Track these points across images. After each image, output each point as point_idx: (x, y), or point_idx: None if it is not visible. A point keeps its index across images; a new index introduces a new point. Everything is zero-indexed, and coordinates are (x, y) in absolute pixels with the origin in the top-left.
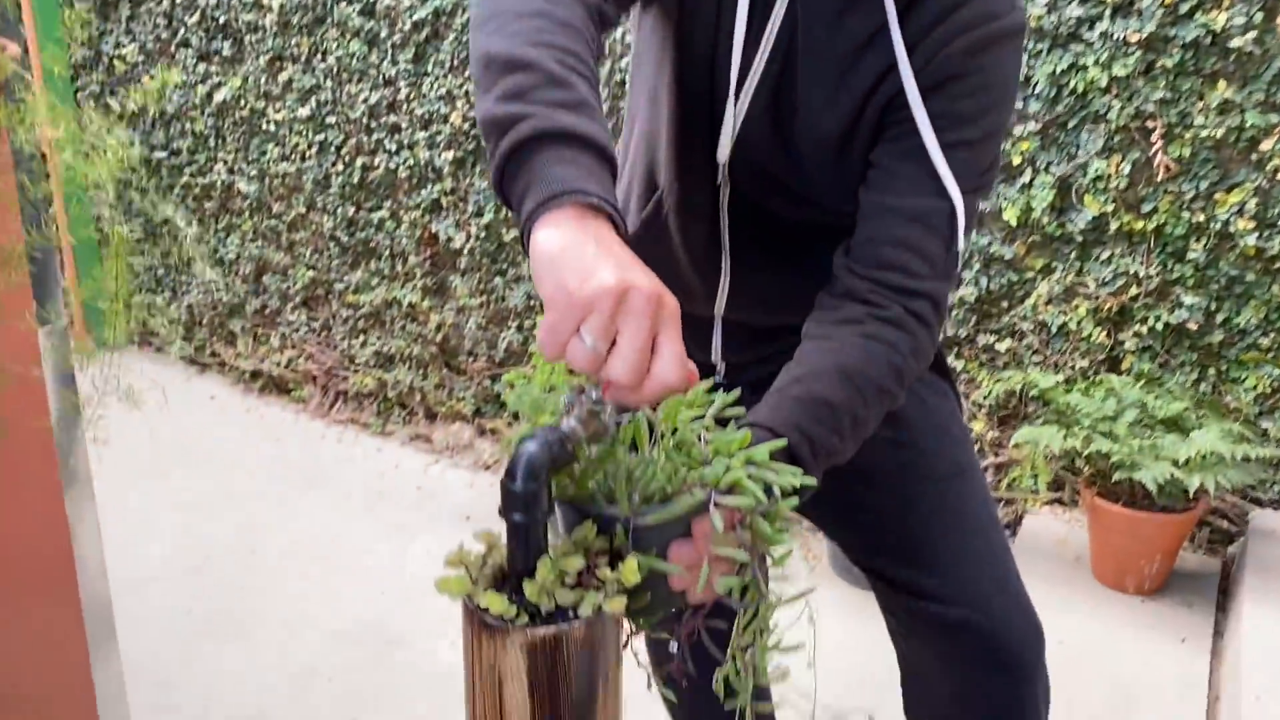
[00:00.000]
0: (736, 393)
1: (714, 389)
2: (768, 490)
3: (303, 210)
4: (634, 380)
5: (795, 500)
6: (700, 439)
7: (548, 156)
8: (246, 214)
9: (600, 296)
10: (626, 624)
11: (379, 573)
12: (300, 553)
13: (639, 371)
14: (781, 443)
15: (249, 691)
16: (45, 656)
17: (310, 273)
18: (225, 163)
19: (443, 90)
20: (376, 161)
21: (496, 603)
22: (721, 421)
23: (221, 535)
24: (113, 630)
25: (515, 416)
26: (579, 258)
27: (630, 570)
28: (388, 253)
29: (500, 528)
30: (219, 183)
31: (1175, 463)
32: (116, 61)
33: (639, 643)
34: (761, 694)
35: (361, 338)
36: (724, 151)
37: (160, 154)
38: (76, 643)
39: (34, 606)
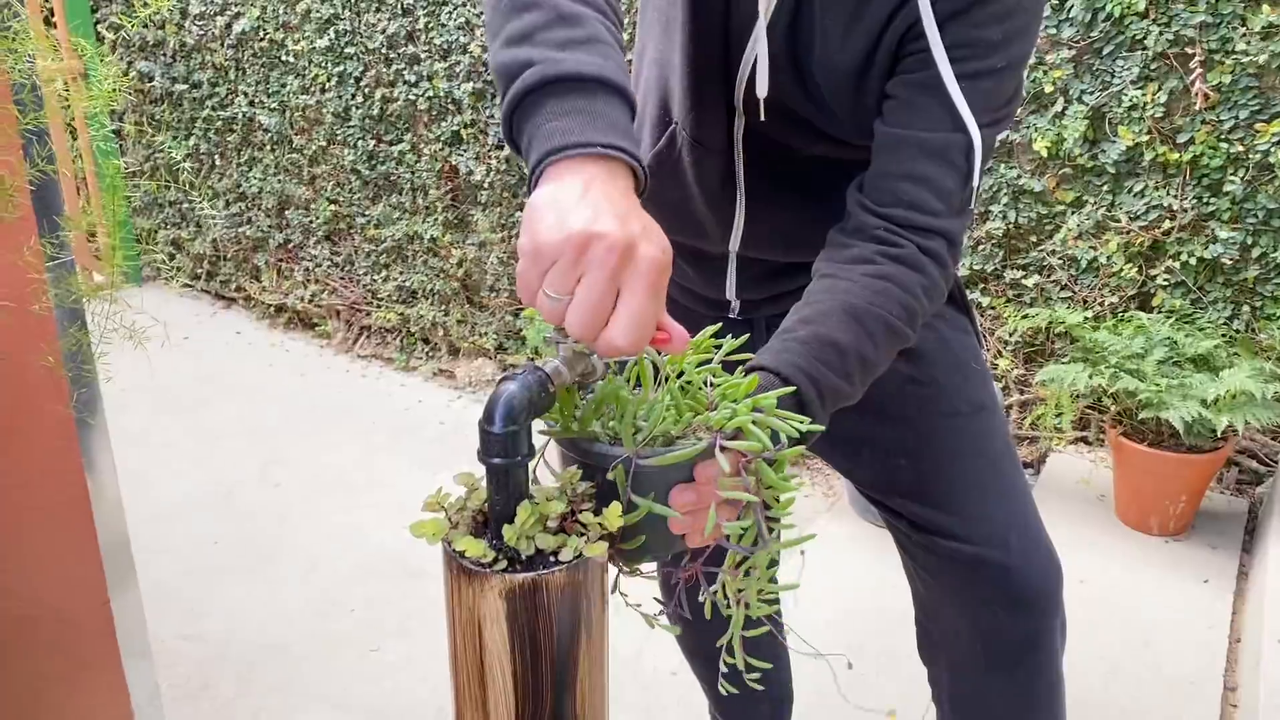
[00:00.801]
0: (745, 338)
1: (722, 334)
2: (774, 437)
3: (323, 143)
4: (587, 335)
5: (800, 448)
6: (707, 384)
7: (551, 108)
8: (268, 147)
9: (562, 245)
10: (613, 566)
11: (402, 507)
12: (324, 486)
13: (593, 327)
14: (789, 389)
15: (273, 621)
16: (64, 587)
17: (332, 207)
18: (246, 95)
19: (461, 20)
20: (396, 93)
21: (473, 547)
22: (729, 365)
23: (247, 468)
24: (131, 561)
25: (536, 352)
26: (557, 206)
27: (614, 515)
28: (408, 186)
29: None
30: (240, 116)
31: (1204, 402)
32: None
33: (634, 584)
34: (770, 643)
35: (384, 272)
36: (762, 88)
37: (181, 87)
38: (94, 574)
39: (51, 540)
